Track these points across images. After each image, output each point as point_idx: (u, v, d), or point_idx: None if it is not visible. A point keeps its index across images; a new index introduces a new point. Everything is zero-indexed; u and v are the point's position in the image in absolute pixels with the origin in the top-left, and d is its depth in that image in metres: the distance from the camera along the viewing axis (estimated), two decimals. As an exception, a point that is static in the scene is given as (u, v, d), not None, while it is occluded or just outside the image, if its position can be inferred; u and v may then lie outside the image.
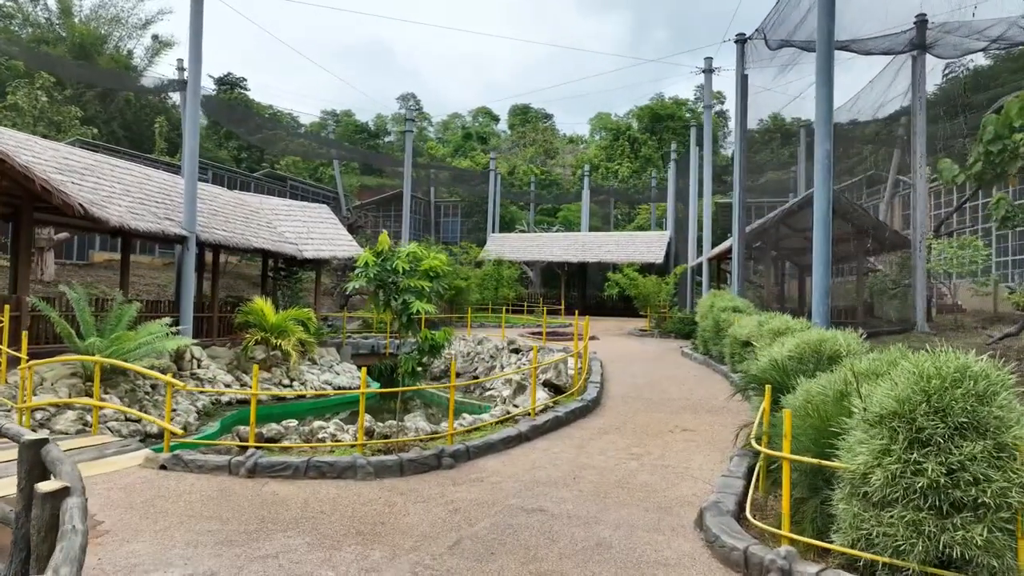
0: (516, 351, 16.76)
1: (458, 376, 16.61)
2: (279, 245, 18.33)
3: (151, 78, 38.09)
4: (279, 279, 21.40)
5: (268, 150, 44.67)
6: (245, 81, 47.22)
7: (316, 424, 8.73)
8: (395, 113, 68.67)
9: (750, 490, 5.49)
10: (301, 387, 14.78)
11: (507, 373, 12.41)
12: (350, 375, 16.56)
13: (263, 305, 15.19)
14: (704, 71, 23.84)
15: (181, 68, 25.35)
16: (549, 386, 11.30)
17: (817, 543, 4.24)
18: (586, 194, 42.35)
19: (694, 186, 27.39)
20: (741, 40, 17.66)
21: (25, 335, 8.50)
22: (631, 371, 14.06)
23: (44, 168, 11.59)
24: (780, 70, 16.25)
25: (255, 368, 7.62)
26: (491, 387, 13.98)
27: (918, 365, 3.97)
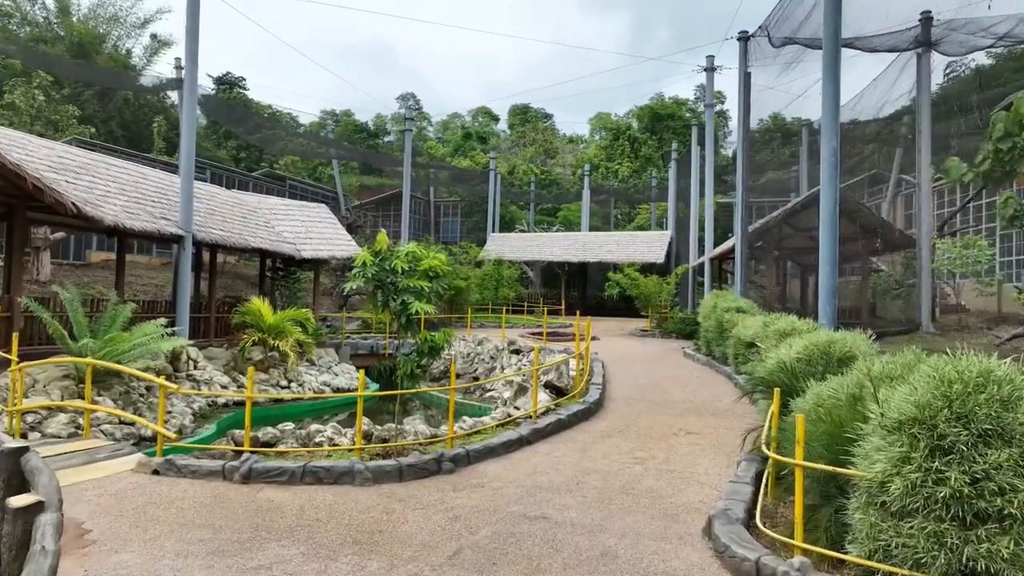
0: (516, 352, 16.59)
1: (458, 377, 16.43)
2: (277, 245, 18.15)
3: (149, 77, 38.01)
4: (277, 279, 21.22)
5: (267, 150, 44.50)
6: (244, 81, 47.12)
7: (313, 427, 8.56)
8: (395, 113, 68.54)
9: (759, 497, 5.33)
10: (299, 388, 14.60)
11: (508, 375, 12.24)
12: (349, 376, 16.38)
13: (260, 305, 15.01)
14: (706, 69, 23.69)
15: (179, 67, 25.16)
16: (550, 388, 11.14)
17: (832, 554, 4.08)
18: (586, 194, 42.17)
19: (695, 186, 27.24)
20: (744, 38, 17.48)
21: (16, 336, 8.33)
22: (633, 372, 13.90)
23: (37, 166, 11.41)
24: (783, 68, 16.08)
25: (250, 370, 7.45)
26: (491, 388, 13.79)
27: (938, 369, 3.81)
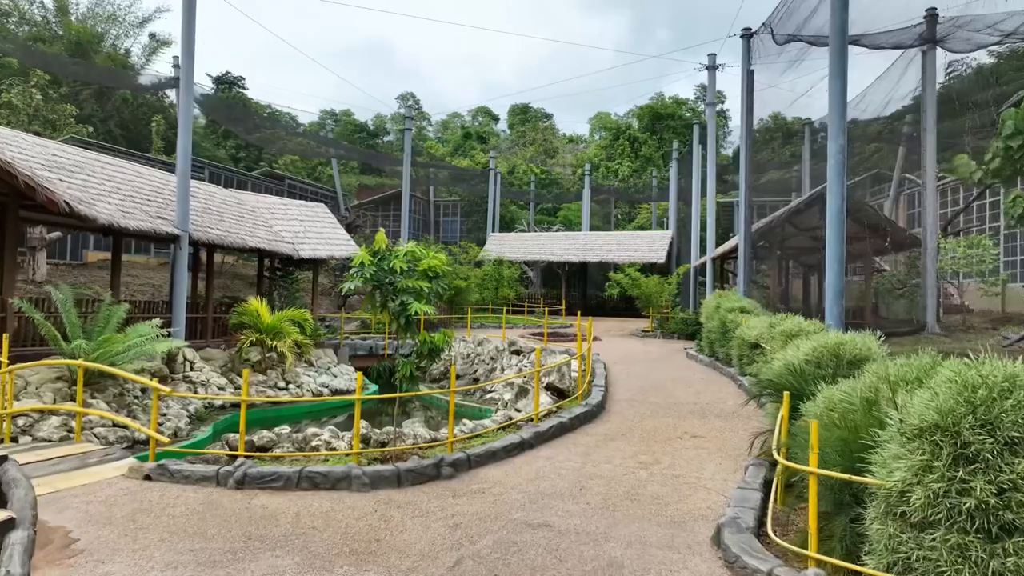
0: (517, 352, 16.42)
1: (458, 378, 16.27)
2: (275, 244, 17.97)
3: (148, 76, 37.79)
4: (275, 279, 21.02)
5: (266, 149, 44.31)
6: (243, 80, 46.86)
7: (310, 431, 8.38)
8: (394, 113, 68.35)
9: (769, 504, 5.15)
10: (297, 389, 14.44)
11: (508, 376, 12.07)
12: (348, 377, 16.22)
13: (258, 306, 14.84)
14: (707, 67, 23.49)
15: (177, 66, 24.98)
16: (552, 390, 10.98)
17: (848, 565, 3.91)
18: (587, 193, 41.98)
19: (696, 185, 27.05)
20: (747, 35, 17.28)
21: (5, 337, 8.15)
22: (635, 373, 13.72)
23: (30, 164, 11.24)
24: (787, 66, 15.88)
25: (245, 372, 7.28)
26: (492, 390, 13.63)
27: (960, 373, 3.64)
